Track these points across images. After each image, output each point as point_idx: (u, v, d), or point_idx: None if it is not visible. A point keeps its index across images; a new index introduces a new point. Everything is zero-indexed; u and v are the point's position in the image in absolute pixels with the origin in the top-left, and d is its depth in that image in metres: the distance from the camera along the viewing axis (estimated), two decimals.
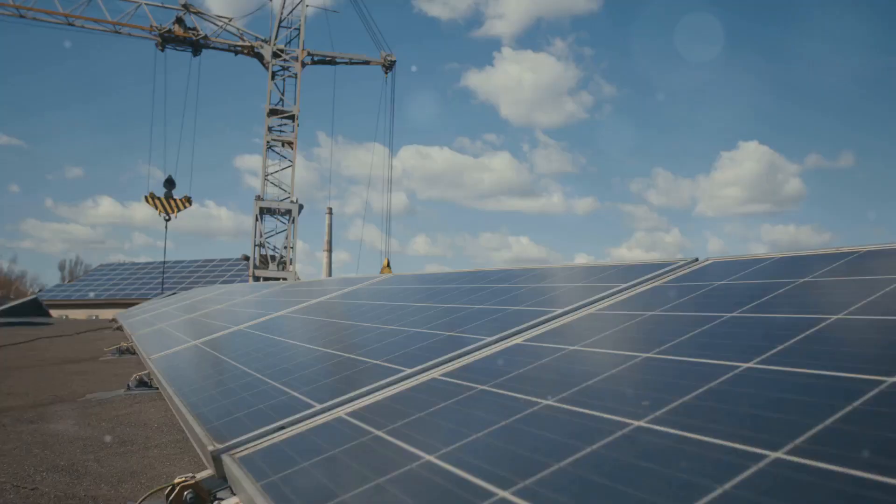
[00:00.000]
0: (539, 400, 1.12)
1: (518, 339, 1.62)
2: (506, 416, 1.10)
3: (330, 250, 39.26)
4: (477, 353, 1.60)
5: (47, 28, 23.97)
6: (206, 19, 22.51)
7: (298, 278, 21.42)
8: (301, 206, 22.25)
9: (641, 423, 0.90)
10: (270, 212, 22.17)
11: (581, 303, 1.79)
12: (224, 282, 27.39)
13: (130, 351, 5.12)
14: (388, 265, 22.05)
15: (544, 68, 79.16)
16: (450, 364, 1.56)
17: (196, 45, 22.55)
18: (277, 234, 22.50)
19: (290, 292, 4.59)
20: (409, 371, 1.58)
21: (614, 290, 1.83)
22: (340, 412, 1.43)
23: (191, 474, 1.44)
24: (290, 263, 21.98)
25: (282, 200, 22.22)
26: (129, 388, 3.26)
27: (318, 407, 1.48)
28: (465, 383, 1.38)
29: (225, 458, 1.35)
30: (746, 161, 73.77)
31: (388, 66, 22.63)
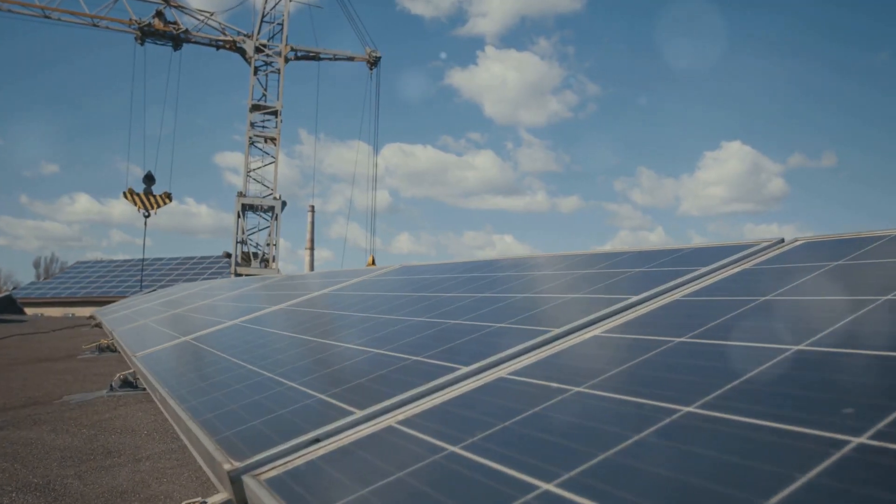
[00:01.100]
0: (680, 407, 0.84)
1: (596, 331, 1.34)
2: (636, 427, 0.82)
3: (312, 248, 38.73)
4: (554, 344, 1.31)
5: (22, 20, 23.25)
6: (186, 13, 21.92)
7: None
8: (284, 203, 21.79)
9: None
10: (253, 208, 21.67)
11: (671, 284, 1.51)
12: (204, 280, 26.77)
13: (111, 349, 4.75)
14: (374, 263, 21.69)
15: (528, 67, 79.24)
16: (521, 359, 1.27)
17: (177, 40, 21.97)
18: (260, 231, 22.01)
19: (287, 285, 4.26)
20: (466, 369, 1.28)
21: (696, 273, 1.55)
22: (389, 420, 1.13)
23: (200, 499, 1.14)
24: (273, 261, 21.51)
25: (264, 197, 21.74)
26: (112, 388, 2.92)
27: (360, 414, 1.18)
28: (549, 384, 1.09)
29: (247, 479, 1.04)
30: (730, 160, 74.53)
31: (373, 63, 22.26)
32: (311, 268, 34.80)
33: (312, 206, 37.87)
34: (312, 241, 37.90)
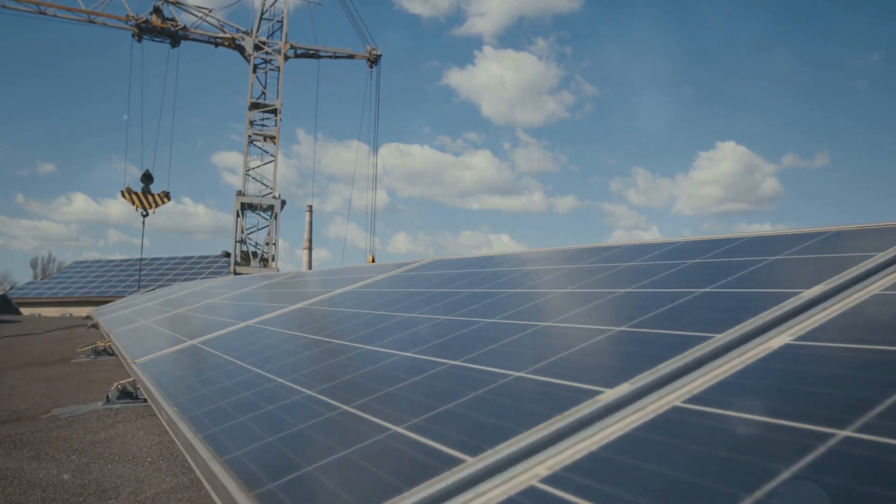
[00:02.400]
0: None
1: (779, 340, 0.94)
2: None
3: (310, 248, 38.24)
4: (727, 359, 0.91)
5: (17, 17, 22.73)
6: (184, 10, 21.45)
7: None
8: (284, 202, 21.36)
9: None
10: (252, 207, 21.22)
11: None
12: (203, 279, 26.29)
13: (108, 351, 4.34)
14: (374, 261, 21.29)
15: (525, 67, 78.86)
16: (690, 379, 0.88)
17: (174, 37, 21.51)
18: (259, 230, 21.56)
19: (299, 282, 3.85)
20: (612, 393, 0.89)
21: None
22: (526, 473, 0.74)
23: None
24: (273, 260, 21.08)
25: (264, 196, 21.30)
26: (108, 400, 2.51)
27: (479, 465, 0.78)
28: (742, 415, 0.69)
29: None
30: (724, 161, 74.40)
31: (374, 60, 21.85)
32: (310, 268, 34.39)
33: (310, 206, 37.38)
34: (310, 240, 37.45)
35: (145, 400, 2.56)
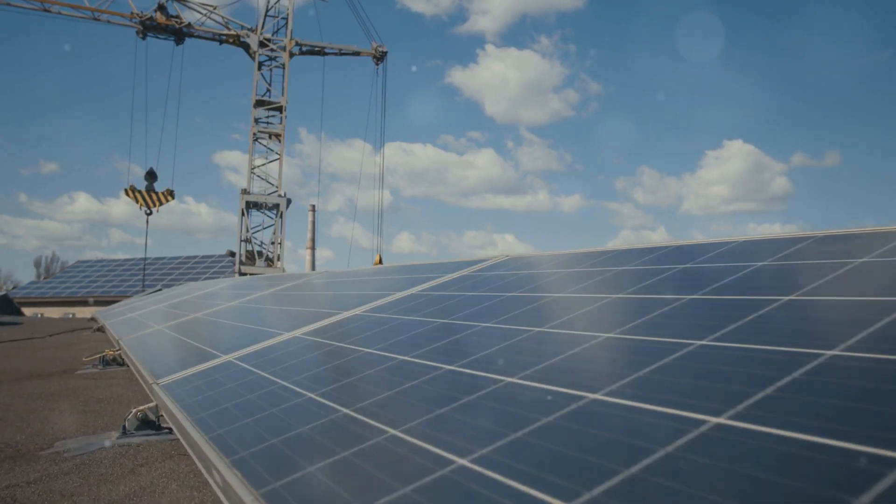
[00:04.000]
0: None
1: None
2: None
3: (313, 248, 37.70)
4: None
5: (21, 15, 22.20)
6: (189, 7, 20.92)
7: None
8: (289, 201, 20.84)
9: None
10: (257, 206, 20.70)
11: None
12: (206, 279, 25.74)
13: (118, 361, 3.82)
14: (381, 261, 20.79)
15: (529, 65, 78.30)
16: None
17: (179, 34, 20.99)
18: (264, 229, 21.04)
19: (339, 283, 3.32)
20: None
21: None
22: None
23: None
24: (279, 260, 20.56)
25: (269, 194, 20.78)
26: (125, 431, 1.99)
27: None
28: None
29: None
30: (732, 160, 73.80)
31: (380, 58, 21.33)
32: (312, 267, 33.90)
33: (313, 206, 36.91)
34: (313, 240, 36.94)
35: (170, 430, 2.05)
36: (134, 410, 2.01)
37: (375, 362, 1.49)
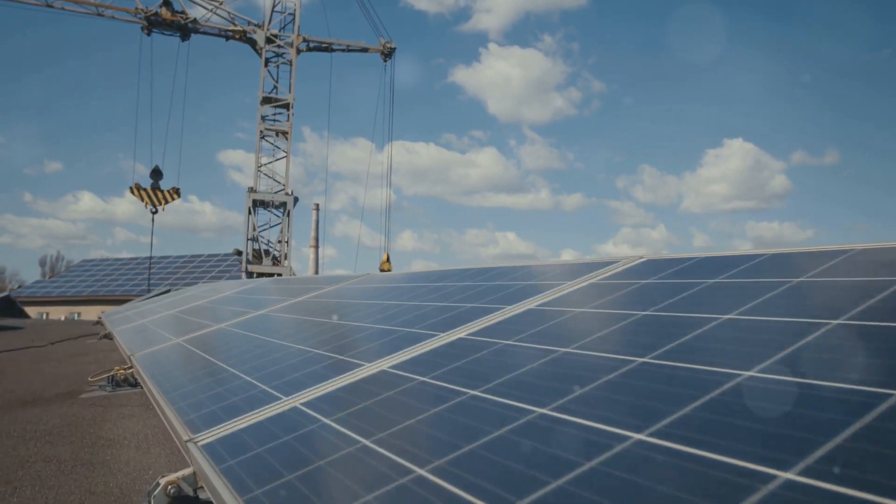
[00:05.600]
0: None
1: None
2: None
3: (317, 246, 36.97)
4: None
5: (24, 11, 21.52)
6: (195, 2, 20.25)
7: (294, 274, 19.40)
8: (296, 199, 20.20)
9: None
10: (264, 204, 20.05)
11: None
12: (212, 278, 25.07)
13: (130, 381, 3.18)
14: (388, 260, 20.16)
15: (532, 64, 77.53)
16: None
17: (184, 30, 20.32)
18: (271, 227, 20.40)
19: (406, 289, 2.68)
20: None
21: None
22: None
23: None
24: (286, 258, 19.92)
25: (276, 192, 20.13)
26: (151, 501, 1.37)
27: None
28: None
29: None
30: (732, 158, 73.11)
31: (388, 54, 20.69)
32: (317, 266, 33.22)
33: (317, 205, 36.20)
34: (317, 239, 36.25)
35: None
36: (163, 482, 1.38)
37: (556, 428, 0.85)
